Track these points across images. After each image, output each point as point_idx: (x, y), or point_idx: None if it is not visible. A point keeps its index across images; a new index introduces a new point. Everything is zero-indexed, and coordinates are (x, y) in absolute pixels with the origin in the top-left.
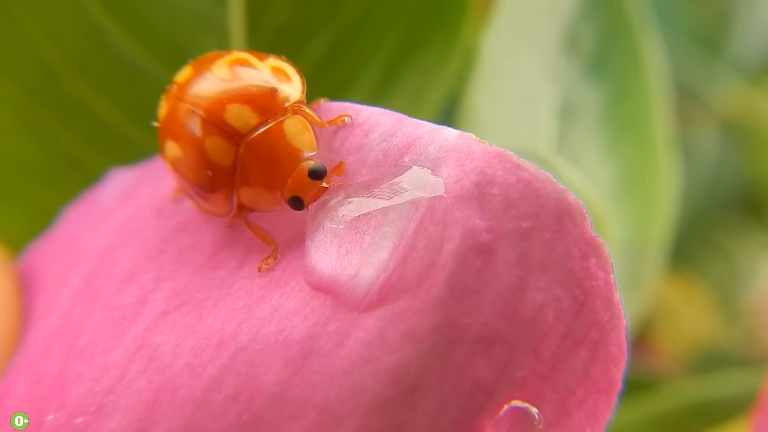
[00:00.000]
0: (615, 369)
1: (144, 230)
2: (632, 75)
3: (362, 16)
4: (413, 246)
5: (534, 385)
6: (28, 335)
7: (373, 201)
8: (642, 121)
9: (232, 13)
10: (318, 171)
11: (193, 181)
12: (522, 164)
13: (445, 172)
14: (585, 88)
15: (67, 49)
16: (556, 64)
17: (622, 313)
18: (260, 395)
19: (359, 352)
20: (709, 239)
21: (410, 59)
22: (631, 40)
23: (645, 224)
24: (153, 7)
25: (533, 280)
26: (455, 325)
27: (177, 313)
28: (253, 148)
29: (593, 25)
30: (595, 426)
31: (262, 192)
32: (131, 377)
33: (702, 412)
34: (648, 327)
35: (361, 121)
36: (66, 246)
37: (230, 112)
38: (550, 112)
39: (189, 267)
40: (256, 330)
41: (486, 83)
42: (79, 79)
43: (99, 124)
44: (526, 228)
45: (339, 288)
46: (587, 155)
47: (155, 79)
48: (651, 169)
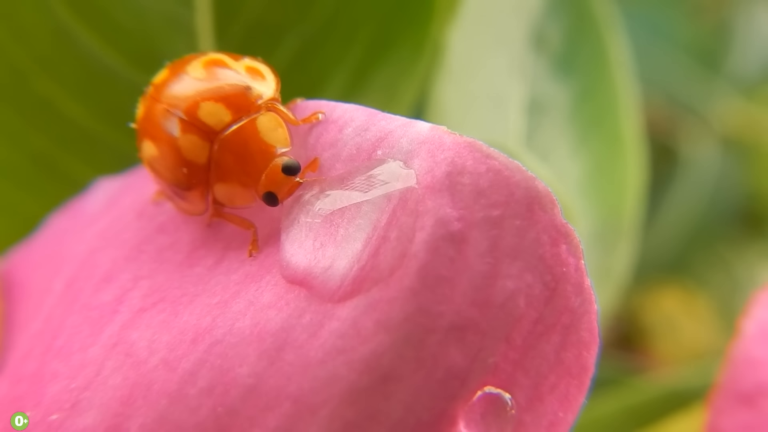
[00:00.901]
0: (587, 353)
1: (124, 232)
2: (599, 72)
3: (332, 16)
4: (386, 237)
5: (506, 371)
6: (13, 340)
7: (347, 194)
8: (610, 117)
9: (200, 13)
10: (291, 167)
11: (169, 180)
12: (492, 153)
13: (416, 163)
14: (553, 86)
15: (34, 49)
16: (524, 62)
17: (593, 298)
18: (235, 388)
19: (333, 342)
20: (710, 251)
21: (381, 58)
22: (598, 38)
23: (614, 217)
24: (120, 8)
25: (504, 268)
26: (428, 314)
27: (153, 310)
28: (226, 145)
29: (560, 23)
30: (568, 409)
31: (237, 188)
32: (107, 374)
33: (674, 401)
34: (648, 337)
35: (336, 118)
36: (52, 253)
37: (204, 110)
38: (518, 109)
39: (167, 265)
40: (231, 323)
41: (454, 81)
42: (47, 79)
43: (68, 124)
44: (497, 216)
45: (313, 280)
46: (557, 151)
47: (124, 79)
48: (619, 164)
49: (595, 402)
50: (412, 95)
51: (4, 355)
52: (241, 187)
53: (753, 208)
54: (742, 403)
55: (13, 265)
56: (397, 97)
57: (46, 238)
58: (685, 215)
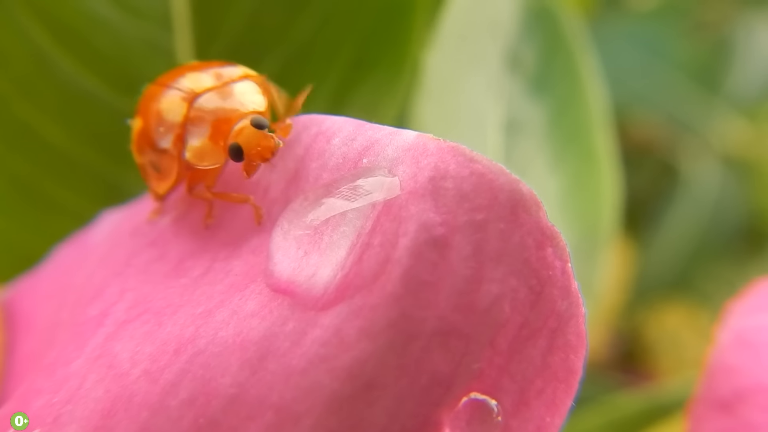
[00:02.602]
0: (574, 357)
1: (118, 251)
2: (572, 91)
3: (312, 37)
4: (370, 243)
5: (492, 376)
6: (16, 369)
7: (332, 202)
8: (584, 134)
9: (179, 36)
10: (261, 122)
11: (149, 144)
12: (475, 157)
13: (401, 170)
14: (529, 105)
15: (14, 74)
16: (500, 82)
17: (580, 301)
18: (217, 398)
19: (316, 350)
20: (712, 268)
21: (362, 78)
22: (570, 58)
23: (592, 231)
24: (99, 33)
25: (489, 272)
26: (411, 320)
27: (137, 322)
28: (202, 103)
29: (534, 44)
30: (555, 414)
31: (207, 144)
32: (89, 386)
33: (656, 413)
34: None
35: (324, 129)
36: (58, 285)
37: (190, 77)
38: (496, 128)
39: (153, 277)
40: (214, 333)
41: (434, 100)
42: (27, 104)
43: (49, 148)
44: (480, 220)
45: (297, 288)
46: (534, 168)
47: (104, 103)
48: (595, 179)
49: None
50: (393, 114)
51: (6, 384)
52: (210, 143)
53: (754, 226)
54: (721, 410)
55: (16, 295)
56: (378, 116)
57: (51, 269)
58: (687, 232)
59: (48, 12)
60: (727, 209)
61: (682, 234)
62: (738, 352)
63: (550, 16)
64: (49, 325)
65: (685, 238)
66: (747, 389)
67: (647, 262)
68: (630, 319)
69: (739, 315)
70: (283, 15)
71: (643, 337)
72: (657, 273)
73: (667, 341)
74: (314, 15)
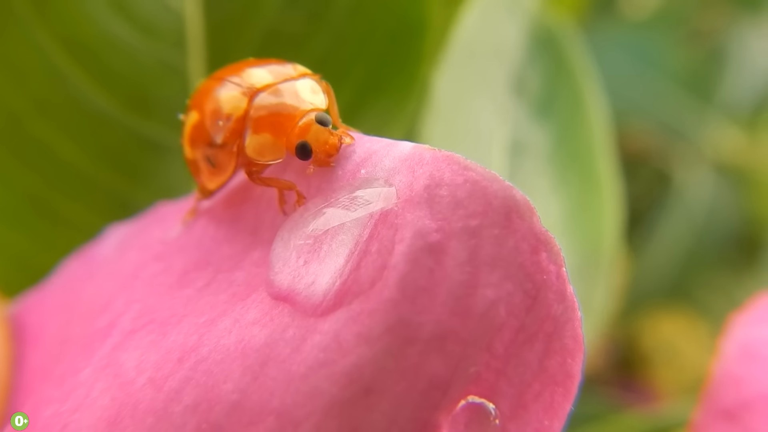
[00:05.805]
0: (572, 361)
1: (125, 265)
2: (576, 115)
3: (324, 58)
4: (367, 251)
5: (489, 380)
6: (25, 382)
7: (331, 212)
8: (587, 158)
9: (192, 58)
10: (325, 119)
11: (205, 138)
12: (469, 165)
13: (397, 179)
14: (533, 128)
15: (30, 92)
16: (505, 105)
17: (576, 305)
18: (219, 404)
19: (315, 356)
20: (706, 276)
21: (371, 99)
22: (574, 83)
23: (594, 253)
24: (115, 53)
25: (484, 277)
26: (408, 325)
27: (143, 331)
28: (265, 98)
29: (539, 69)
30: (553, 417)
31: (268, 139)
32: (95, 395)
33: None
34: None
35: None
36: (67, 300)
37: (250, 73)
38: (501, 150)
39: (159, 288)
40: (217, 341)
41: (441, 122)
42: (42, 122)
43: (63, 166)
44: (475, 226)
45: (297, 296)
46: (537, 190)
47: (118, 122)
48: (597, 202)
49: None
50: (401, 134)
51: (15, 398)
52: (273, 138)
53: (748, 233)
54: (726, 419)
55: (25, 309)
56: (387, 135)
57: (59, 283)
58: (681, 240)
59: (65, 32)
60: (721, 217)
61: (676, 242)
62: (743, 363)
63: (555, 43)
64: (58, 340)
65: (679, 246)
66: (752, 399)
67: (641, 270)
68: (625, 327)
69: (743, 326)
70: (296, 36)
71: (639, 345)
72: (651, 281)
73: (663, 349)
74: (326, 38)
